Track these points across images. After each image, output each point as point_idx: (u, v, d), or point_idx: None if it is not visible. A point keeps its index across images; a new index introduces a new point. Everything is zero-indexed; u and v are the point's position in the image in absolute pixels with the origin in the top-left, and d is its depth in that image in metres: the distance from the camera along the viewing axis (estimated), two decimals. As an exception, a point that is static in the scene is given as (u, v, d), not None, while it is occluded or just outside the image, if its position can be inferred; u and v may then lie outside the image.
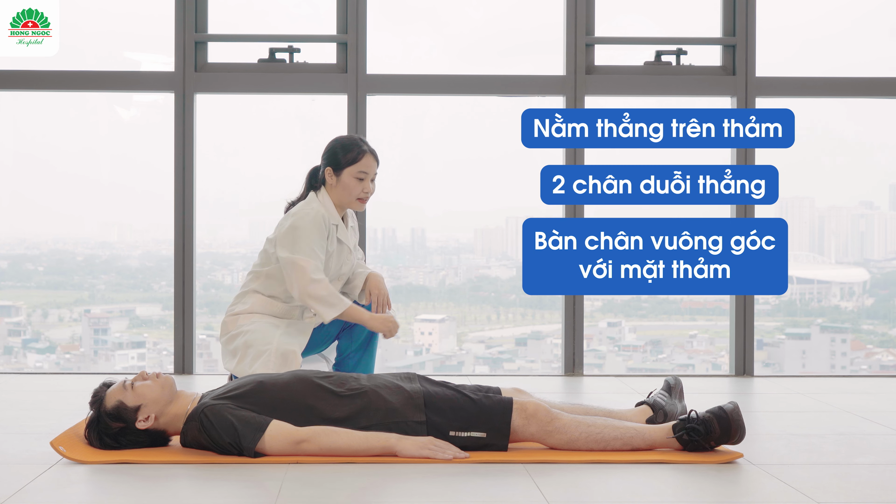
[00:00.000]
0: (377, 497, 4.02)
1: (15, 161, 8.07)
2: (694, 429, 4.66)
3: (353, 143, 5.89)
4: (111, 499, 4.03)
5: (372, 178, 5.90)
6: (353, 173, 5.84)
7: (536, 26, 7.91)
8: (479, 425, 4.68)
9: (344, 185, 5.86)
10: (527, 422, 4.70)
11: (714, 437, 4.64)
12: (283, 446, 4.52)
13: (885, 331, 8.44)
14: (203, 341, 7.61)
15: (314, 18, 7.69)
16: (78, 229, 8.35)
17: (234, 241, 8.13)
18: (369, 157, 5.88)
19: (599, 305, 8.26)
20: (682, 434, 4.68)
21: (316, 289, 5.70)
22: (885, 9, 8.08)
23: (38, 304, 8.24)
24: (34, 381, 7.01)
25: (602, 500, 3.99)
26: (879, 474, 4.40)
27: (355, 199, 5.88)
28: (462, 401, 4.72)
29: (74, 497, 4.03)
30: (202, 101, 7.54)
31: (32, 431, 5.20)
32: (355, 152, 5.86)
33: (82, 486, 4.19)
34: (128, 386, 4.67)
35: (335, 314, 5.70)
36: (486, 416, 4.69)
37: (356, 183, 5.86)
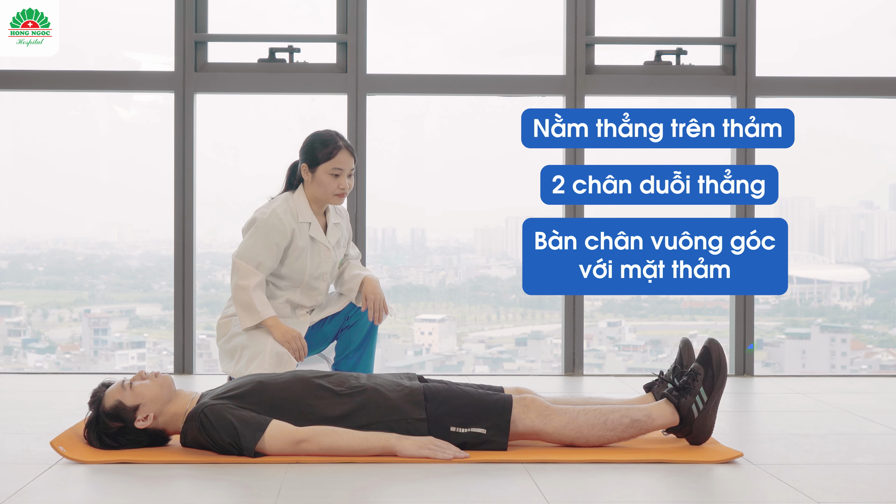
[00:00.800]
0: (377, 497, 4.02)
1: (15, 161, 8.07)
2: (682, 387, 4.75)
3: (328, 140, 5.86)
4: (111, 498, 4.03)
5: (349, 174, 5.88)
6: (327, 170, 5.82)
7: (536, 26, 7.90)
8: (479, 421, 4.68)
9: (319, 181, 5.85)
10: (525, 409, 4.70)
11: (700, 380, 4.73)
12: (283, 446, 4.52)
13: (885, 330, 8.44)
14: (203, 341, 7.61)
15: (314, 18, 7.69)
16: (78, 229, 8.35)
17: (234, 240, 8.08)
18: (344, 153, 5.84)
19: (599, 305, 8.26)
20: (671, 392, 4.78)
21: (239, 294, 5.73)
22: (885, 9, 8.07)
23: (38, 304, 8.24)
24: (34, 381, 7.00)
25: (602, 500, 3.99)
26: (880, 474, 4.40)
27: (332, 195, 5.86)
28: (463, 397, 4.72)
29: (74, 497, 4.03)
30: (202, 101, 7.53)
31: (32, 431, 5.19)
32: (330, 148, 5.83)
33: (82, 485, 4.19)
34: (126, 386, 4.67)
35: (250, 324, 5.71)
36: (486, 413, 4.69)
37: (331, 179, 5.83)
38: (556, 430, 4.72)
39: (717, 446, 4.80)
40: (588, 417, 4.73)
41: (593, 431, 4.72)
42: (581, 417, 4.72)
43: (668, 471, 4.42)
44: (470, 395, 4.73)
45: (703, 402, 4.72)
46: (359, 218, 7.37)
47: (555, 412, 4.72)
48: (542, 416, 4.72)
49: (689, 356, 4.93)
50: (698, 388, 4.73)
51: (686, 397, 4.74)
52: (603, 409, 4.74)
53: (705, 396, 4.73)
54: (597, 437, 4.72)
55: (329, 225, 5.99)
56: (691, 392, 4.74)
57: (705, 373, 4.74)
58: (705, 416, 4.74)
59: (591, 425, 4.73)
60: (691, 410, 4.72)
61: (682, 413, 4.74)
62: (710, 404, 4.73)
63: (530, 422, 4.72)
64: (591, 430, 4.72)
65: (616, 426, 4.73)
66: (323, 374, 4.81)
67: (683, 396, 4.74)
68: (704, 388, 4.73)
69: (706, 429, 4.75)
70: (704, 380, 4.73)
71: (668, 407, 4.76)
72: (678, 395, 4.75)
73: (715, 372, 4.73)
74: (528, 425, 4.72)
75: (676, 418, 4.76)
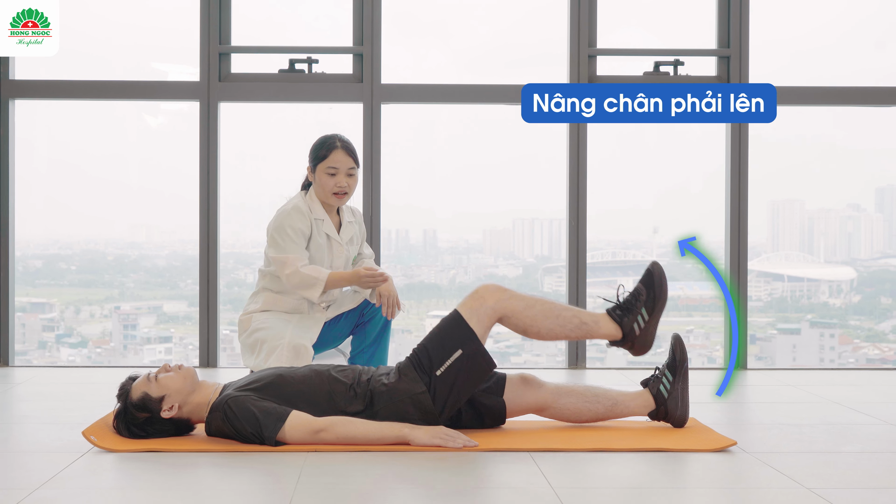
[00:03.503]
0: (391, 483, 4.02)
1: (49, 167, 8.08)
2: (625, 307, 4.88)
3: (326, 140, 5.88)
4: (139, 484, 4.04)
5: (348, 174, 5.87)
6: (324, 169, 5.83)
7: (541, 40, 7.90)
8: (450, 347, 4.70)
9: (318, 180, 5.86)
10: (480, 304, 4.78)
11: (642, 301, 4.85)
12: (303, 435, 4.52)
13: (871, 326, 8.43)
14: (226, 336, 7.62)
15: (331, 31, 7.69)
16: (108, 231, 8.36)
17: (255, 241, 8.12)
18: (338, 152, 5.84)
19: (602, 303, 8.24)
20: (614, 311, 4.89)
21: (292, 280, 5.73)
22: (870, 23, 8.07)
23: (70, 301, 8.25)
24: (67, 374, 7.01)
25: (602, 486, 3.99)
26: (865, 461, 4.40)
27: (330, 193, 5.85)
28: (428, 340, 4.77)
29: (105, 483, 4.04)
30: (226, 110, 7.54)
31: (66, 421, 5.20)
32: (325, 148, 5.84)
33: (112, 472, 4.20)
34: (152, 378, 4.68)
35: (318, 293, 5.72)
36: (448, 336, 4.74)
37: (328, 178, 5.83)
38: (515, 313, 4.79)
39: (712, 435, 4.80)
40: (544, 308, 4.82)
41: (546, 322, 4.81)
42: (538, 306, 4.81)
43: (666, 458, 4.42)
44: (431, 334, 4.78)
45: (644, 321, 4.84)
46: (374, 220, 7.37)
47: (513, 295, 4.81)
48: (501, 300, 4.79)
49: (681, 354, 4.94)
50: (640, 308, 4.85)
51: (628, 316, 4.86)
52: (557, 305, 4.85)
53: (647, 315, 4.84)
54: (548, 329, 4.81)
55: (343, 223, 6.00)
56: (633, 311, 4.86)
57: (647, 294, 4.84)
58: (646, 333, 4.86)
59: (545, 316, 4.81)
60: (633, 328, 4.84)
61: (624, 330, 4.85)
62: (651, 322, 4.85)
63: (491, 310, 4.76)
64: (545, 320, 4.81)
65: (566, 323, 4.83)
66: (339, 368, 4.83)
67: (626, 316, 4.87)
68: (646, 307, 4.85)
69: (647, 343, 4.88)
70: (646, 301, 4.84)
71: (613, 323, 4.88)
72: (621, 314, 4.88)
73: (656, 293, 4.85)
74: (489, 314, 4.76)
75: (619, 333, 4.87)
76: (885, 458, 4.52)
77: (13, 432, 5.09)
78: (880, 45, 8.07)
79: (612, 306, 4.91)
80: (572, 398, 4.98)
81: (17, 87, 7.50)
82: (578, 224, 7.53)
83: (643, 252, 8.43)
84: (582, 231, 7.54)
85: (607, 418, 5.01)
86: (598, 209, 7.54)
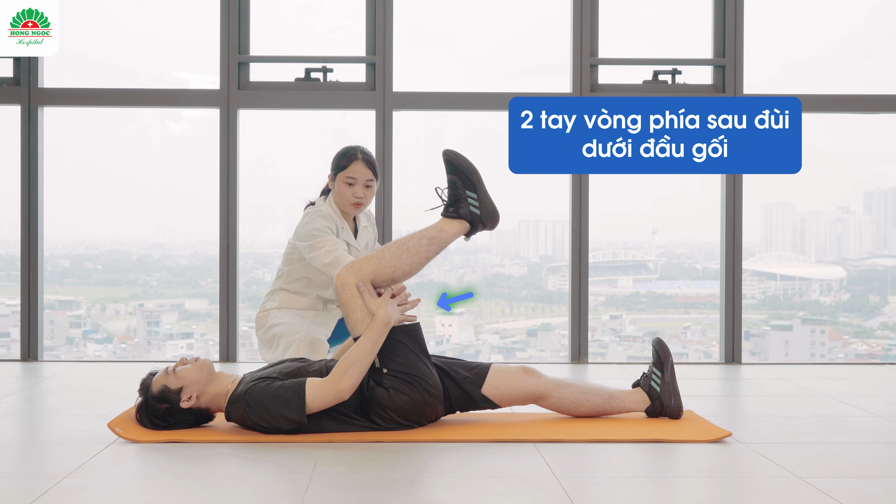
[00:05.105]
0: (402, 473, 4.02)
1: (76, 170, 8.09)
2: (453, 202, 4.91)
3: (348, 150, 5.86)
4: (162, 474, 4.04)
5: (366, 185, 5.85)
6: (343, 179, 5.82)
7: (545, 50, 7.90)
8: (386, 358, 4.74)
9: (337, 189, 5.85)
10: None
11: (460, 187, 4.90)
12: (324, 394, 4.55)
13: (859, 323, 8.43)
14: (245, 332, 7.62)
15: (346, 42, 7.69)
16: (133, 231, 8.37)
17: (273, 242, 8.13)
18: (358, 164, 5.82)
19: (603, 301, 8.25)
20: (448, 211, 4.93)
21: (331, 271, 5.66)
22: (858, 35, 8.06)
23: (96, 298, 8.25)
24: (93, 369, 7.02)
25: (604, 475, 3.99)
26: (854, 452, 4.40)
27: (349, 203, 5.84)
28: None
29: (129, 472, 4.04)
30: (244, 116, 7.55)
31: (92, 414, 5.21)
32: (346, 159, 5.83)
33: (136, 462, 4.20)
34: (170, 371, 4.69)
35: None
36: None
37: (346, 188, 5.83)
38: (391, 264, 4.81)
39: (708, 426, 4.80)
40: (398, 245, 4.84)
41: (402, 256, 4.83)
42: (393, 247, 4.83)
43: (665, 449, 4.42)
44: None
45: (477, 200, 4.89)
46: (386, 221, 7.38)
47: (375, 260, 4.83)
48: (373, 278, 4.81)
49: (664, 352, 4.98)
50: (464, 193, 4.88)
51: (463, 207, 4.88)
52: (403, 239, 4.86)
53: (473, 194, 4.89)
54: (408, 262, 4.84)
55: (360, 228, 6.00)
56: (462, 200, 4.88)
57: (460, 179, 4.88)
58: (485, 204, 4.90)
59: (398, 254, 4.82)
60: (471, 211, 4.87)
61: (470, 220, 4.89)
62: (482, 200, 4.89)
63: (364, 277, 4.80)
64: (400, 256, 4.83)
65: (416, 248, 4.84)
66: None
67: (462, 207, 4.88)
68: (468, 189, 4.89)
69: (493, 216, 4.93)
70: (464, 183, 4.88)
71: (455, 225, 4.92)
72: (454, 210, 4.90)
73: (465, 173, 4.88)
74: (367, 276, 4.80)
75: (465, 227, 4.91)
76: (872, 448, 4.52)
77: (42, 424, 5.10)
78: (868, 54, 8.06)
79: (444, 209, 4.92)
80: (571, 389, 4.99)
81: (46, 95, 7.51)
82: (581, 225, 7.53)
83: (643, 252, 8.43)
84: (584, 232, 7.54)
85: (604, 411, 5.01)
86: (600, 212, 7.54)
